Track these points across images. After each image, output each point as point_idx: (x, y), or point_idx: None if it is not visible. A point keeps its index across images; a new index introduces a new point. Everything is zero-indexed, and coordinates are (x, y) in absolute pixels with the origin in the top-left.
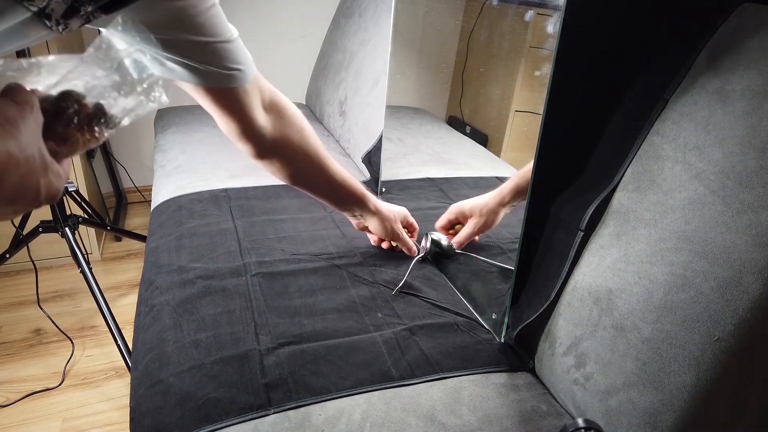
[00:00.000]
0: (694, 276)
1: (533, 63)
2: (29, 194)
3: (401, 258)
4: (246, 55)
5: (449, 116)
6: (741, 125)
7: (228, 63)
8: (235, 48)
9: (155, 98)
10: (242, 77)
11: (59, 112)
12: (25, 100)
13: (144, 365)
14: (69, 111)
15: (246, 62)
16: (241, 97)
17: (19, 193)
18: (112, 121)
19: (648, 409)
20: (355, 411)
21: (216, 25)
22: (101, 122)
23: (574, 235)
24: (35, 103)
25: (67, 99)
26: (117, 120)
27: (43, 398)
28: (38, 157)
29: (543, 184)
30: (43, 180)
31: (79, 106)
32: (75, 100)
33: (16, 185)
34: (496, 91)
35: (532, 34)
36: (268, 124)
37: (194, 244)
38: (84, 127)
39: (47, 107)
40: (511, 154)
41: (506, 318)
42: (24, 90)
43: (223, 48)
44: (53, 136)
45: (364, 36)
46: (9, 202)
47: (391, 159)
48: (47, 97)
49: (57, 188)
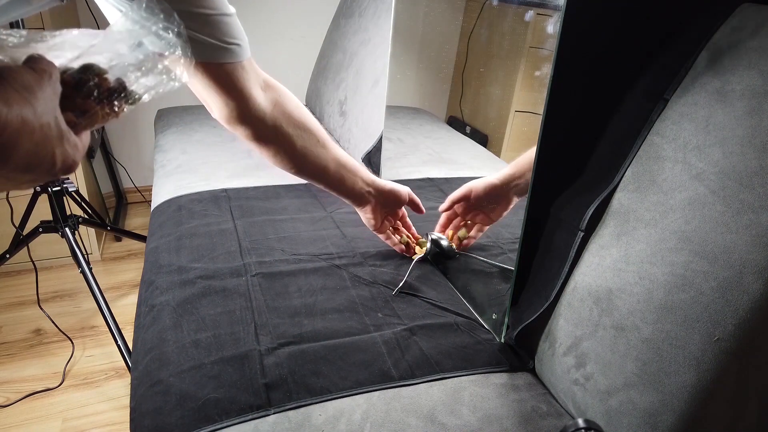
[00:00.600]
0: (695, 276)
1: (533, 63)
2: (45, 163)
3: (401, 258)
4: (243, 32)
5: (449, 116)
6: (741, 125)
7: (226, 37)
8: (233, 22)
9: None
10: (241, 52)
11: (80, 84)
12: (44, 69)
13: (144, 365)
14: (89, 84)
15: (243, 39)
16: (240, 74)
17: (34, 161)
18: (132, 96)
19: (648, 409)
20: (355, 411)
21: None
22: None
23: (574, 236)
24: (54, 72)
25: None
26: (137, 96)
27: (44, 398)
28: (54, 126)
29: (543, 184)
30: (59, 149)
31: (99, 79)
32: (96, 73)
33: (31, 152)
34: (496, 92)
35: (532, 34)
36: (267, 103)
37: (194, 245)
38: (104, 100)
39: (68, 79)
40: (511, 154)
41: (506, 318)
42: (43, 59)
43: (223, 21)
44: (72, 107)
45: (365, 36)
46: (25, 170)
47: (391, 159)
48: (68, 69)
49: (73, 159)
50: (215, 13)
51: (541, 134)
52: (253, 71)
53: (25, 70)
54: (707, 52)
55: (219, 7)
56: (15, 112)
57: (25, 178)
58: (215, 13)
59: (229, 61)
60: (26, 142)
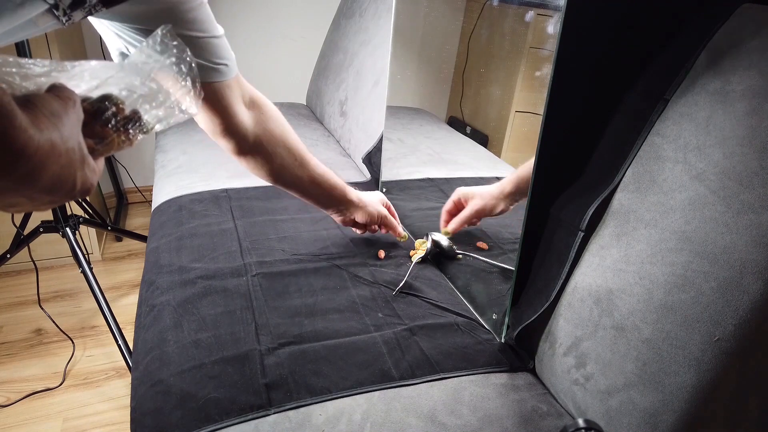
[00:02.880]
0: (695, 276)
1: (534, 63)
2: (66, 185)
3: (401, 258)
4: (230, 52)
5: (449, 117)
6: (741, 126)
7: (214, 58)
8: (222, 44)
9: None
10: (228, 71)
11: (99, 113)
12: (68, 96)
13: (145, 365)
14: (108, 112)
15: (230, 58)
16: (225, 92)
17: (57, 183)
18: (146, 126)
19: (648, 409)
20: (355, 411)
21: (205, 21)
22: (136, 126)
23: (574, 236)
24: (77, 100)
25: (107, 101)
26: (150, 126)
27: (44, 398)
28: (77, 151)
29: (543, 184)
30: (79, 173)
31: (117, 108)
32: (114, 102)
33: (56, 175)
34: (496, 92)
35: (532, 34)
36: (250, 120)
37: (195, 245)
38: (120, 128)
39: (87, 107)
40: (511, 155)
41: (506, 318)
42: (66, 88)
43: (212, 43)
44: (91, 134)
45: (365, 36)
46: (47, 191)
47: (391, 159)
48: (88, 98)
49: (91, 182)
50: (205, 36)
51: (541, 134)
52: (239, 88)
53: (52, 97)
54: (707, 52)
55: (209, 30)
56: (45, 137)
57: (46, 199)
58: (205, 36)
59: (216, 80)
60: (53, 165)
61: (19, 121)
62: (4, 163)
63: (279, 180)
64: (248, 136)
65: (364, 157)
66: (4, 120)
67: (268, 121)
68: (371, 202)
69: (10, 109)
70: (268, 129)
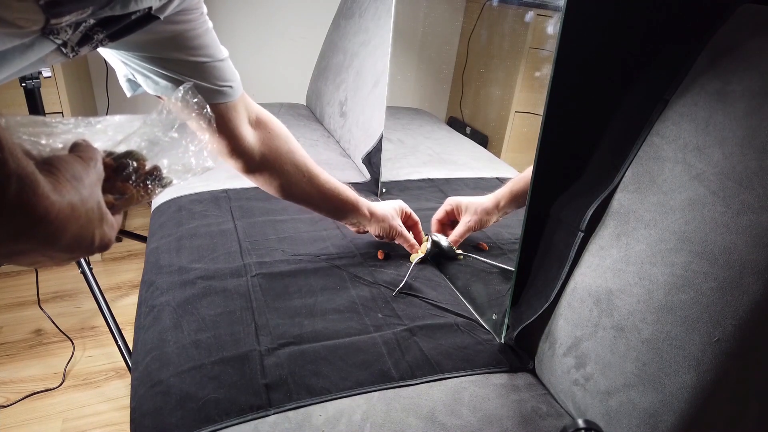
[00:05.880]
0: (695, 277)
1: (533, 64)
2: (85, 242)
3: (401, 258)
4: (235, 73)
5: (449, 117)
6: (741, 126)
7: (219, 81)
8: (226, 66)
9: (200, 164)
10: (232, 93)
11: (120, 168)
12: (91, 157)
13: (144, 366)
14: (129, 168)
15: (235, 80)
16: (230, 114)
17: (77, 242)
18: (165, 180)
19: (648, 409)
20: (355, 411)
21: (210, 46)
22: (155, 181)
23: (574, 236)
24: (99, 159)
25: (128, 157)
26: (168, 180)
27: (44, 399)
28: (97, 210)
29: (543, 184)
30: (98, 230)
31: (138, 164)
32: (136, 158)
33: (76, 236)
34: (496, 92)
35: (532, 35)
36: (256, 140)
37: (195, 245)
38: (140, 183)
39: (109, 162)
40: (511, 155)
41: (506, 319)
42: (90, 147)
43: (217, 66)
44: (112, 189)
45: (365, 37)
46: (67, 251)
47: (391, 160)
48: (111, 153)
49: (110, 238)
50: (209, 61)
51: (541, 135)
52: (244, 109)
53: (74, 159)
54: (707, 52)
55: (213, 55)
56: (66, 200)
57: (66, 257)
58: (209, 61)
59: (220, 101)
60: (73, 226)
61: (41, 189)
62: (27, 227)
63: (289, 195)
64: (255, 155)
65: (363, 158)
66: (27, 189)
67: (274, 139)
68: (385, 216)
69: (34, 179)
70: (274, 147)
